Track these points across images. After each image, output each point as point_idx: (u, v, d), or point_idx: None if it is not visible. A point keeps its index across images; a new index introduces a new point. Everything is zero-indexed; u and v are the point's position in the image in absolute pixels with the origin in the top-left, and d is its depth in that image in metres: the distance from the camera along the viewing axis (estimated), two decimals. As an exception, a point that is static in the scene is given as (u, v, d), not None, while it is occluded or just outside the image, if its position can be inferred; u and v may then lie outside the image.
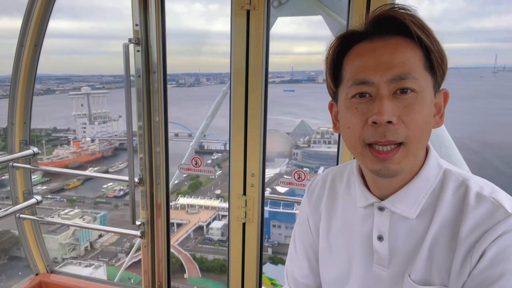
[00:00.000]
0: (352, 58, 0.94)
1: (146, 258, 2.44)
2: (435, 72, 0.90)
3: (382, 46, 0.89)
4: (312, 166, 33.22)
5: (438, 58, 0.88)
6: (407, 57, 0.86)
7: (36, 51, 2.41)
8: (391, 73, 0.85)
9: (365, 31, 0.93)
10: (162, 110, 2.26)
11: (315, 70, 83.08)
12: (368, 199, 1.00)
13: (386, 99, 0.85)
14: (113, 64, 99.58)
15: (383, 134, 0.84)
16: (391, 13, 0.89)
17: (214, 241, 28.21)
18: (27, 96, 2.49)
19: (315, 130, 37.57)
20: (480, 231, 0.83)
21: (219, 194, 31.65)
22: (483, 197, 0.87)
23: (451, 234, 0.88)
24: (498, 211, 0.83)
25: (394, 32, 0.89)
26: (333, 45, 0.98)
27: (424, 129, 0.88)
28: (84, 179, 37.93)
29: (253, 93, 2.06)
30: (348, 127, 0.92)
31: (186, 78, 65.57)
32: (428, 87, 0.89)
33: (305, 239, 1.23)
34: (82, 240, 27.71)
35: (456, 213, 0.88)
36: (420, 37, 0.86)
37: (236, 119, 2.12)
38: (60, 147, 41.69)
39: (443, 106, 0.96)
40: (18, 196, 2.58)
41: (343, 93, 0.95)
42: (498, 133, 38.19)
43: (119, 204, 31.64)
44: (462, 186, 0.91)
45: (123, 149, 43.77)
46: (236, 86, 2.09)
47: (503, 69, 73.75)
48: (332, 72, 0.99)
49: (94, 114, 48.27)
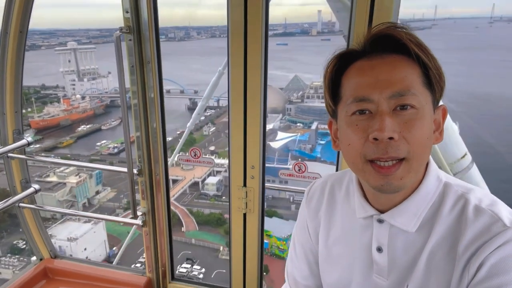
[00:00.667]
0: (351, 75, 0.94)
1: (149, 246, 2.49)
2: (433, 89, 0.91)
3: (380, 63, 0.89)
4: (306, 122, 33.35)
5: (436, 75, 0.89)
6: (405, 74, 0.87)
7: (22, 37, 2.28)
8: (391, 89, 0.86)
9: (363, 50, 0.93)
10: (159, 116, 2.20)
11: (308, 22, 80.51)
12: (367, 211, 1.01)
13: (387, 115, 0.85)
14: (99, 17, 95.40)
15: (385, 151, 0.85)
16: (389, 32, 0.89)
17: (209, 196, 28.86)
18: (16, 85, 2.38)
19: (308, 85, 37.25)
20: (478, 244, 0.84)
21: (213, 150, 31.88)
22: (482, 210, 0.88)
23: (449, 247, 0.89)
24: (496, 224, 0.85)
25: (391, 50, 0.89)
26: (331, 64, 0.98)
27: (426, 145, 0.89)
28: (77, 136, 37.82)
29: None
30: (348, 144, 0.92)
31: (176, 32, 63.42)
32: (428, 104, 0.89)
33: (305, 243, 1.25)
34: (79, 197, 28.15)
35: (455, 226, 0.90)
36: (418, 54, 0.86)
37: (235, 102, 2.04)
38: (50, 105, 41.05)
39: (442, 122, 0.96)
40: (16, 185, 2.55)
41: (343, 110, 0.95)
42: (489, 85, 38.25)
43: (114, 161, 31.77)
44: (461, 199, 0.92)
45: (115, 106, 43.32)
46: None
47: (500, 19, 72.31)
48: (331, 90, 0.99)
49: (82, 70, 47.08)
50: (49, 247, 2.76)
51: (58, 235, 22.52)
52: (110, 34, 2.18)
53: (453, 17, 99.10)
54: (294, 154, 27.83)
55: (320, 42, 58.24)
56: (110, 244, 24.63)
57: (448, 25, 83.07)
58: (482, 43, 60.11)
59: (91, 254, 22.70)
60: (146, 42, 2.09)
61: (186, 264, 21.95)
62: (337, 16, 1.89)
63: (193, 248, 24.02)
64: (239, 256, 2.35)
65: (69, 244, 22.23)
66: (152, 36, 2.08)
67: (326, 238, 1.16)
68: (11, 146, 2.41)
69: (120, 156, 33.73)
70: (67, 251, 21.50)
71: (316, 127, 30.99)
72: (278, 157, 26.03)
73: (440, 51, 9.42)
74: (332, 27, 71.83)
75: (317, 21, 73.29)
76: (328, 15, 75.01)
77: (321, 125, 30.51)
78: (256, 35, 1.89)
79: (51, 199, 25.95)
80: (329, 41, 51.94)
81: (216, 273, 21.33)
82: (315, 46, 53.79)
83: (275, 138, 29.13)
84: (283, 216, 23.33)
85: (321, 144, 29.45)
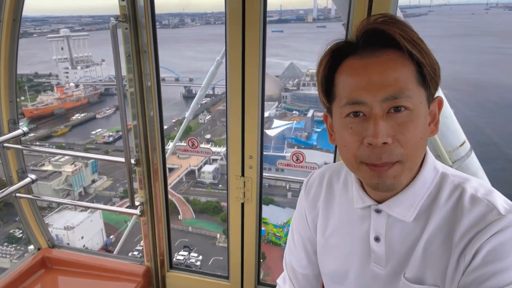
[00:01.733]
0: (343, 74, 0.93)
1: (147, 235, 2.49)
2: (428, 85, 0.90)
3: (373, 63, 0.88)
4: (302, 109, 33.31)
5: (430, 71, 0.88)
6: (399, 75, 0.86)
7: (15, 26, 2.23)
8: (384, 93, 0.86)
9: (355, 45, 0.92)
10: (156, 102, 2.17)
11: (304, 8, 79.62)
12: (365, 201, 1.03)
13: (380, 119, 0.86)
14: (92, 4, 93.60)
15: (379, 157, 0.86)
16: (381, 27, 0.87)
17: (206, 184, 28.91)
18: (10, 74, 2.35)
19: (304, 72, 37.06)
20: (474, 232, 0.86)
21: (209, 139, 31.84)
22: (478, 199, 0.90)
23: (446, 235, 0.91)
24: (492, 213, 0.86)
25: (384, 45, 0.88)
26: (323, 60, 0.97)
27: (420, 145, 0.90)
28: (72, 125, 37.57)
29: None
30: (344, 146, 0.94)
31: (170, 18, 62.50)
32: (422, 102, 0.89)
33: (303, 232, 1.27)
34: (75, 186, 28.11)
35: (452, 215, 0.92)
36: (411, 52, 0.85)
37: (233, 91, 2.03)
38: (43, 93, 40.62)
39: (438, 114, 0.97)
40: (12, 175, 2.54)
41: (337, 111, 0.95)
42: (481, 72, 38.36)
43: (109, 150, 31.68)
44: (458, 189, 0.94)
45: (109, 94, 42.94)
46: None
47: (495, 5, 72.02)
48: (324, 88, 0.99)
49: (75, 58, 46.39)
50: (47, 236, 2.76)
51: (54, 224, 22.55)
52: (104, 21, 2.12)
53: (449, 3, 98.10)
54: (290, 142, 27.87)
55: (315, 29, 57.78)
56: (107, 233, 24.71)
57: (444, 11, 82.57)
58: (477, 30, 60.04)
59: (88, 243, 22.77)
60: (143, 30, 2.05)
61: (183, 252, 22.11)
62: (336, 3, 1.86)
63: (190, 236, 24.19)
64: (237, 245, 2.37)
65: (66, 232, 22.26)
66: (149, 24, 2.05)
67: (324, 228, 1.17)
68: (6, 136, 2.39)
69: (116, 144, 33.62)
70: (64, 240, 21.54)
71: (312, 114, 30.95)
72: (275, 145, 26.08)
73: (437, 37, 9.27)
74: (328, 14, 71.16)
75: (313, 7, 72.60)
76: (323, 1, 74.20)
77: (317, 112, 30.48)
78: (254, 22, 1.87)
79: (46, 188, 25.89)
80: (325, 28, 51.53)
81: (213, 260, 21.54)
82: (310, 33, 53.46)
83: (271, 126, 29.12)
84: (280, 203, 23.50)
85: (317, 132, 29.49)
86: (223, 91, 2.09)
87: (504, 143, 23.29)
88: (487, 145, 22.30)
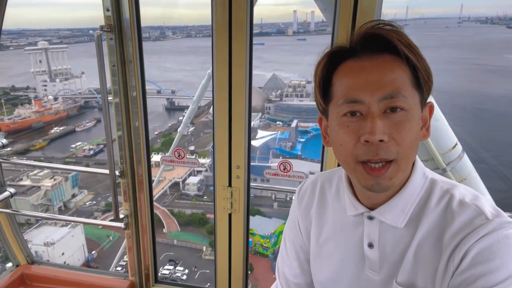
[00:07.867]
0: (341, 76, 0.95)
1: (131, 248, 2.43)
2: (422, 89, 0.93)
3: (371, 65, 0.91)
4: (285, 120, 33.53)
5: (424, 75, 0.91)
6: (396, 76, 0.89)
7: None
8: (382, 92, 0.88)
9: (353, 48, 0.94)
10: (142, 112, 2.15)
11: (284, 22, 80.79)
12: (358, 209, 1.04)
13: (377, 118, 0.87)
14: (70, 17, 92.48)
15: (375, 153, 0.88)
16: (379, 32, 0.90)
17: (191, 196, 28.61)
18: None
19: (287, 83, 37.45)
20: (463, 235, 0.88)
21: (193, 150, 31.62)
22: (466, 204, 0.92)
23: (435, 239, 0.93)
24: (480, 217, 0.89)
25: (381, 49, 0.91)
26: (321, 62, 0.99)
27: (414, 145, 0.92)
28: (50, 139, 36.74)
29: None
30: (340, 145, 0.95)
31: (151, 31, 62.33)
32: (416, 104, 0.92)
33: (296, 241, 1.26)
34: (55, 200, 27.33)
35: (441, 220, 0.93)
36: (407, 56, 0.88)
37: (220, 99, 2.02)
38: (21, 107, 39.68)
39: (429, 119, 1.00)
40: (-10, 190, 2.45)
41: (334, 111, 0.96)
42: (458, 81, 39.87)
43: (90, 163, 31.04)
44: (447, 194, 0.96)
45: (89, 107, 42.27)
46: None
47: (467, 19, 75.00)
48: (321, 89, 1.00)
49: (54, 70, 45.53)
50: (26, 252, 2.66)
51: (34, 240, 21.81)
52: (83, 34, 2.10)
53: (423, 17, 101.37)
54: (275, 152, 27.94)
55: (296, 42, 58.62)
56: (89, 248, 24.06)
57: (419, 25, 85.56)
58: (450, 42, 62.27)
59: (69, 259, 22.12)
60: (128, 41, 2.04)
61: (169, 266, 21.69)
62: (324, 14, 1.91)
63: (176, 249, 23.79)
64: (224, 256, 2.33)
65: (46, 249, 21.57)
66: (134, 35, 2.03)
67: (317, 236, 1.17)
68: (-16, 149, 2.32)
69: (96, 158, 33.00)
70: (44, 257, 20.83)
71: (296, 125, 31.22)
72: (260, 155, 26.09)
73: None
74: (307, 27, 72.36)
75: (293, 21, 73.77)
76: (303, 15, 75.53)
77: (300, 123, 30.76)
78: (240, 34, 1.87)
79: (24, 203, 25.06)
80: (305, 40, 52.35)
81: (200, 273, 21.19)
82: (291, 45, 54.19)
83: (255, 137, 29.17)
84: (266, 214, 23.42)
85: (301, 142, 29.69)
86: (206, 103, 2.08)
87: (475, 142, 24.16)
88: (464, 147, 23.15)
